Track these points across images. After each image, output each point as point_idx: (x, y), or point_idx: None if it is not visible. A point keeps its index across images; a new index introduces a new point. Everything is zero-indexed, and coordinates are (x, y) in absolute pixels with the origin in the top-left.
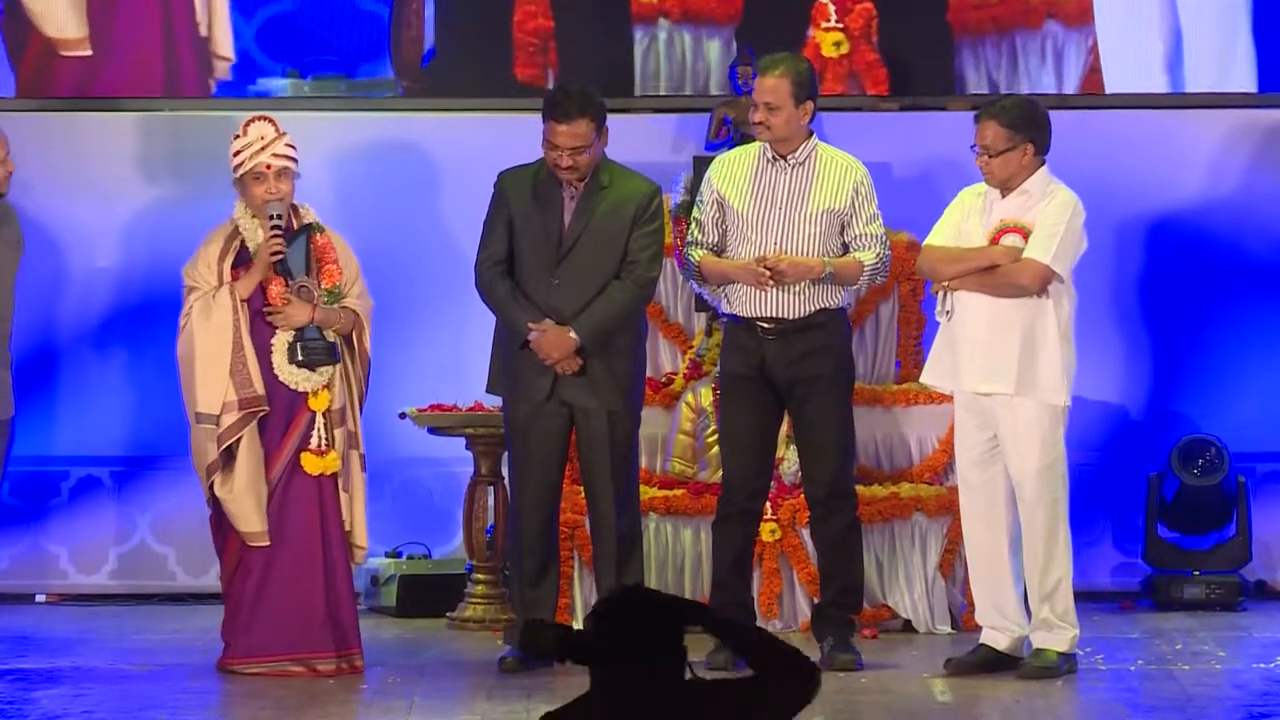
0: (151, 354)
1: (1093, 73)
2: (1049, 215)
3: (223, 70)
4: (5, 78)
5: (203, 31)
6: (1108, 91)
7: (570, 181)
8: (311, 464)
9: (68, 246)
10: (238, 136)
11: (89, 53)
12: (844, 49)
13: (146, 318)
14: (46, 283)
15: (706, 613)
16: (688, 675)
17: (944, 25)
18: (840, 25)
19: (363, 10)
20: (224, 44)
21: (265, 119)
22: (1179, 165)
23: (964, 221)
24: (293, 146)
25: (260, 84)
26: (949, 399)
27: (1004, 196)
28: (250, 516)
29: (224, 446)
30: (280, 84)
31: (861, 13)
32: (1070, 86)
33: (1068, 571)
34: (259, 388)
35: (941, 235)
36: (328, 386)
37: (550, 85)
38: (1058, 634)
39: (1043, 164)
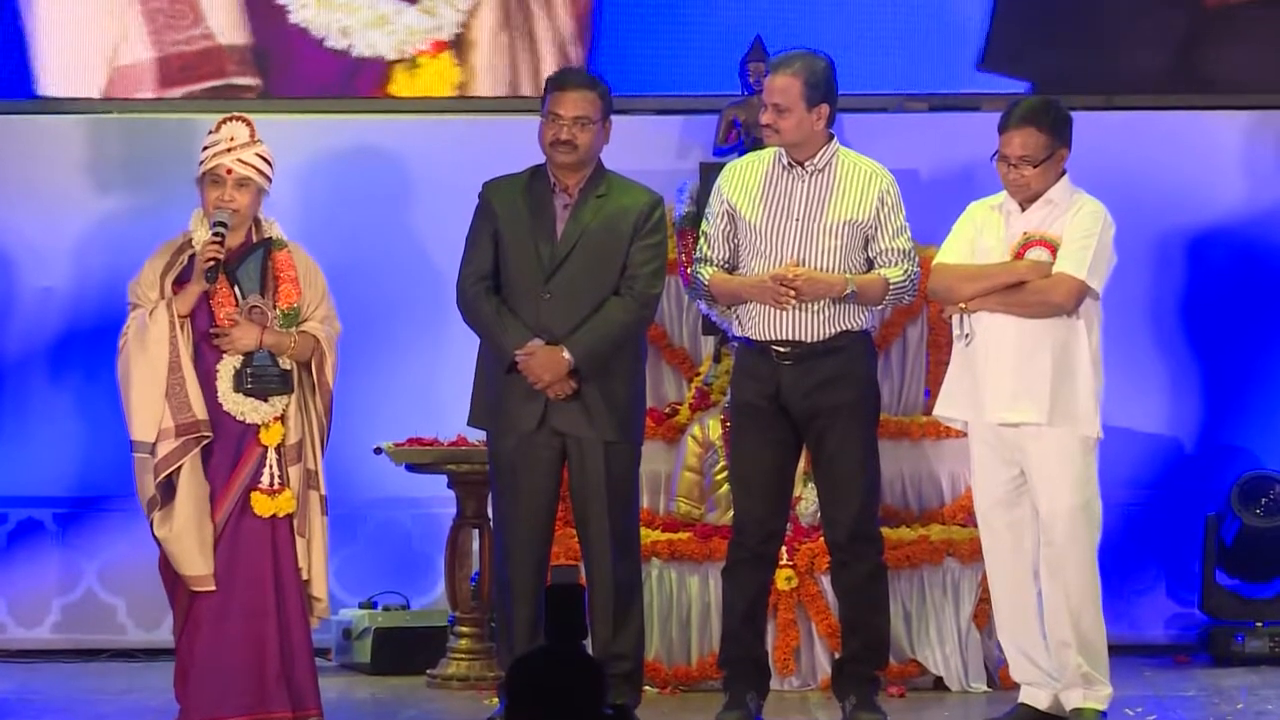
0: (99, 384)
1: None
2: (1079, 227)
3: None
4: None
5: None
6: None
7: (566, 165)
8: (262, 504)
9: (10, 263)
10: (211, 133)
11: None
12: None
13: (96, 343)
14: None
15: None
16: None
17: None
18: None
19: None
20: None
21: (242, 120)
22: (1223, 169)
23: (978, 238)
24: (265, 159)
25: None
26: None
27: (1024, 209)
28: (193, 559)
29: (161, 478)
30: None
31: None
32: None
33: (1102, 620)
34: (199, 412)
35: (954, 254)
36: (281, 419)
37: None
38: (1097, 690)
39: (1064, 171)
